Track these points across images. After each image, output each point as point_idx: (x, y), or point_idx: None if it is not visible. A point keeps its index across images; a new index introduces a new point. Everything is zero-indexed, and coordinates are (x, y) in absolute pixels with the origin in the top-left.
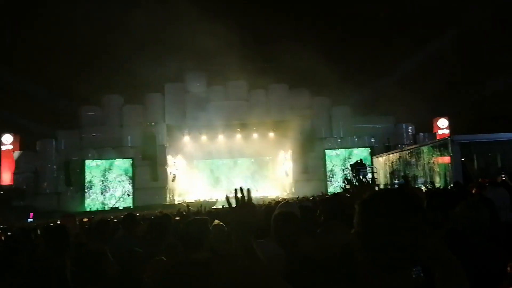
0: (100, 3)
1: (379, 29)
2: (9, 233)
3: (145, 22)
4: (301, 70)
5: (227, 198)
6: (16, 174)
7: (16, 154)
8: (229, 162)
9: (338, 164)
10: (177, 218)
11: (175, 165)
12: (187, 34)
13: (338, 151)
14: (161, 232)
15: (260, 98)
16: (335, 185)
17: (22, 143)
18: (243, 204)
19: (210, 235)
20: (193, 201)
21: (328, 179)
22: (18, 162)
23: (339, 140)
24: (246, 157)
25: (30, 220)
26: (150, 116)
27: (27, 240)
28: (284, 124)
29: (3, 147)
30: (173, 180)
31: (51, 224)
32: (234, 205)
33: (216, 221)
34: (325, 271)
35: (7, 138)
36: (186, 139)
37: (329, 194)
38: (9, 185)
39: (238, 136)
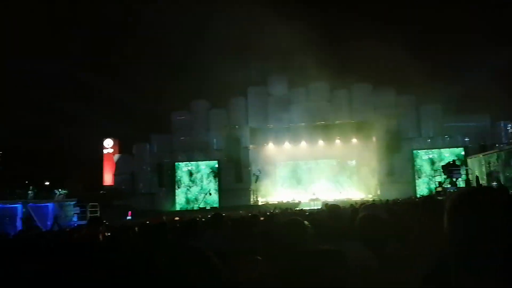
0: (185, 12)
1: (470, 21)
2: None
3: (228, 28)
4: (385, 68)
5: (326, 204)
6: (116, 175)
7: (116, 157)
8: (312, 163)
9: (427, 165)
10: (262, 218)
11: (258, 167)
12: (269, 37)
13: (428, 152)
14: (247, 232)
15: (343, 99)
16: (424, 187)
17: (121, 147)
18: (331, 208)
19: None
20: (276, 203)
21: (416, 181)
22: (117, 164)
23: (428, 140)
24: (328, 159)
25: (128, 218)
26: (234, 119)
27: (126, 237)
28: (368, 125)
29: (105, 151)
30: (256, 182)
31: (147, 222)
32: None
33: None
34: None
35: (108, 143)
36: (269, 141)
37: (418, 197)
38: (110, 185)
39: (321, 137)
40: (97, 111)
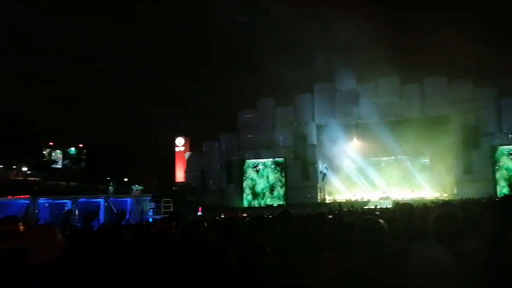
0: (252, 11)
1: None
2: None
3: (294, 25)
4: (461, 60)
5: (397, 203)
6: (187, 172)
7: (187, 155)
8: (381, 161)
9: (509, 162)
10: (330, 216)
11: (325, 164)
12: (335, 32)
13: (511, 149)
14: (315, 230)
15: (415, 93)
16: (506, 186)
17: (192, 145)
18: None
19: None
20: (344, 201)
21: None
22: (188, 162)
23: (510, 136)
24: (399, 156)
25: (199, 213)
26: (300, 116)
27: (198, 231)
28: (442, 120)
29: (177, 149)
30: (323, 179)
31: (217, 218)
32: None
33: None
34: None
35: (180, 141)
36: (336, 138)
37: (499, 196)
38: (182, 182)
39: (391, 133)
40: (169, 110)
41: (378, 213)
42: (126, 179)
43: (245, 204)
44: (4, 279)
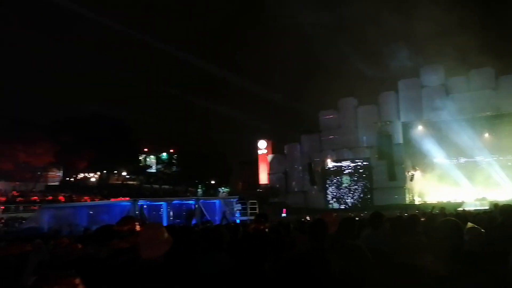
0: (328, 10)
1: None
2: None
3: (374, 20)
4: None
5: (496, 204)
6: (270, 174)
7: (270, 157)
8: (476, 160)
9: None
10: (423, 219)
11: (412, 164)
12: (419, 24)
13: None
14: (407, 232)
15: None
16: None
17: (274, 147)
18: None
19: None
20: (436, 202)
21: None
22: (271, 164)
23: None
24: (497, 155)
25: (283, 215)
26: (384, 115)
27: (286, 233)
28: None
29: (259, 152)
30: (411, 180)
31: (302, 220)
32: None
33: (470, 224)
34: None
35: (262, 144)
36: (424, 136)
37: None
38: (265, 184)
39: (486, 130)
40: (252, 114)
41: (474, 215)
42: (213, 182)
43: (329, 205)
44: (127, 274)
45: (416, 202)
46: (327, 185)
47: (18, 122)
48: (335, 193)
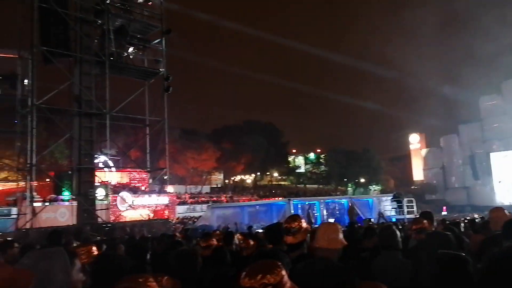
0: None
1: None
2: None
3: None
4: None
5: None
6: (425, 170)
7: (424, 151)
8: None
9: None
10: None
11: None
12: None
13: None
14: None
15: None
16: None
17: (427, 141)
18: None
19: None
20: None
21: None
22: (426, 159)
23: None
24: None
25: (443, 213)
26: None
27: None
28: None
29: (411, 146)
30: None
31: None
32: None
33: None
34: None
35: (414, 138)
36: None
37: None
38: (421, 181)
39: None
40: (399, 107)
41: None
42: (363, 180)
43: (498, 202)
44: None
45: None
46: (495, 179)
47: (187, 132)
48: (504, 188)
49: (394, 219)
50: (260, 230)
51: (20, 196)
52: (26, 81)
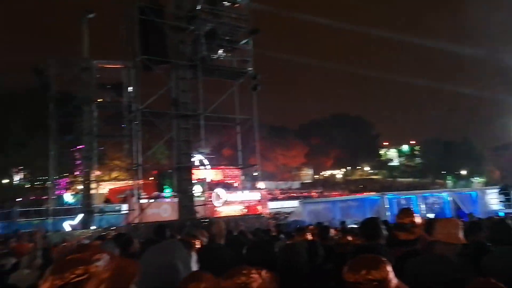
0: None
1: None
2: None
3: None
4: None
5: None
6: None
7: None
8: None
9: None
10: None
11: None
12: None
13: None
14: None
15: None
16: None
17: None
18: None
19: None
20: None
21: None
22: None
23: None
24: None
25: None
26: None
27: None
28: None
29: None
30: None
31: None
32: None
33: None
34: None
35: None
36: None
37: None
38: None
39: None
40: (504, 90)
41: None
42: (464, 172)
43: None
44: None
45: None
46: None
47: (275, 129)
48: None
49: (502, 214)
50: (354, 226)
51: (129, 194)
52: (130, 88)
